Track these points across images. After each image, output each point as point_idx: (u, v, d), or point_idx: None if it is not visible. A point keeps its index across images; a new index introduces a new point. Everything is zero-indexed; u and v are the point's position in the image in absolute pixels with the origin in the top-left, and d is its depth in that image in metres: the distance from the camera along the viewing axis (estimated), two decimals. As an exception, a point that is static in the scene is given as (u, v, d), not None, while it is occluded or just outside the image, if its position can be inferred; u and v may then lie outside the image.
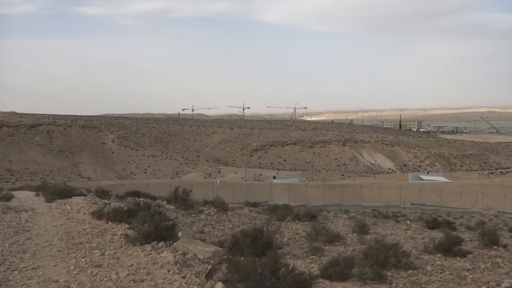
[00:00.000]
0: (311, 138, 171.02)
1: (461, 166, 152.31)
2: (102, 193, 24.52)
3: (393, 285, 9.46)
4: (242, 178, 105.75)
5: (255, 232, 11.75)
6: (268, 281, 7.33)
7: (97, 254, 9.93)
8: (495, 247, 15.26)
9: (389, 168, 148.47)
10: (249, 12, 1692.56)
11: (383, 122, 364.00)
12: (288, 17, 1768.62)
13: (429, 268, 11.15)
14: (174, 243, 9.97)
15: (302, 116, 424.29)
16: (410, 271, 10.60)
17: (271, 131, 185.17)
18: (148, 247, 10.03)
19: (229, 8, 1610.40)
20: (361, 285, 9.18)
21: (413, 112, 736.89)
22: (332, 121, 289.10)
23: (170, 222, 12.24)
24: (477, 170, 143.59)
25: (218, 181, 72.53)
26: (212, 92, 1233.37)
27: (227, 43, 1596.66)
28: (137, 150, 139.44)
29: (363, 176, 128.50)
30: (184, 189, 23.90)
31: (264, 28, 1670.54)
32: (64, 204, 18.88)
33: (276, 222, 18.27)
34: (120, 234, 11.85)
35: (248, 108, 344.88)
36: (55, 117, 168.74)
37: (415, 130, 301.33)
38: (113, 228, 12.79)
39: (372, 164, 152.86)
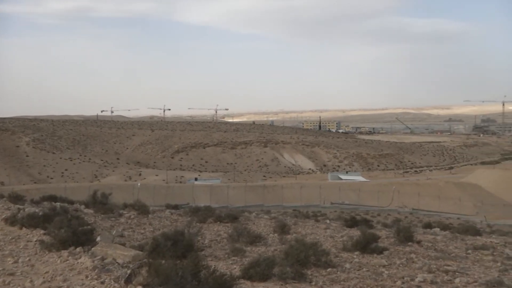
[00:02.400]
0: (232, 140, 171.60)
1: (378, 166, 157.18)
2: (16, 198, 23.45)
3: (313, 283, 9.61)
4: (164, 180, 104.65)
5: (176, 234, 11.63)
6: (189, 284, 7.28)
7: (10, 262, 9.51)
8: (409, 243, 15.81)
9: (310, 169, 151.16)
10: (172, 13, 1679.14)
11: (303, 123, 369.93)
12: (211, 18, 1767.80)
13: (347, 265, 11.40)
14: (93, 248, 9.71)
15: (223, 118, 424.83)
16: (329, 269, 10.80)
17: (192, 133, 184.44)
18: (65, 253, 9.70)
19: (151, 9, 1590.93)
20: (282, 285, 9.27)
21: (332, 113, 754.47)
22: (253, 123, 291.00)
23: (88, 227, 11.93)
24: (393, 169, 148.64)
25: (139, 184, 71.41)
26: (132, 94, 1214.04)
27: (148, 44, 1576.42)
28: (53, 153, 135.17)
29: (284, 176, 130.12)
30: (103, 193, 23.30)
31: (186, 29, 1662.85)
32: (-25, 210, 17.99)
33: (197, 224, 18.17)
34: (35, 240, 11.41)
35: (169, 109, 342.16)
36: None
37: (334, 131, 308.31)
38: (27, 234, 12.30)
39: (293, 164, 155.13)
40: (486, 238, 20.40)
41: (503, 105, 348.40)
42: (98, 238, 11.21)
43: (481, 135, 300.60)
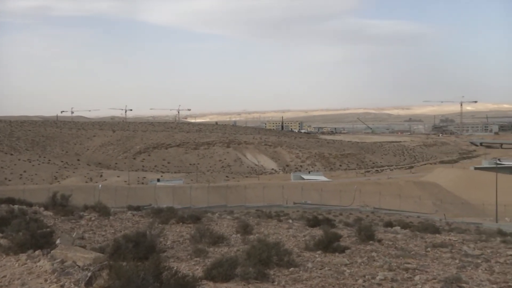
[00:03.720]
0: (195, 140, 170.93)
1: (340, 165, 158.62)
2: (-27, 201, 22.96)
3: (276, 283, 9.64)
4: (125, 181, 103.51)
5: (137, 236, 11.53)
6: (150, 286, 7.22)
7: (-35, 266, 9.29)
8: (371, 242, 16.00)
9: (272, 169, 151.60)
10: (134, 13, 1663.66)
11: (265, 124, 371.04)
12: (173, 18, 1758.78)
13: (309, 264, 11.47)
14: (52, 251, 9.54)
15: (186, 118, 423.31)
16: (291, 269, 10.85)
17: (154, 133, 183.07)
18: (23, 256, 9.52)
19: (112, 8, 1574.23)
20: (244, 285, 9.27)
21: (294, 113, 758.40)
22: (216, 123, 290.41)
23: (48, 229, 11.73)
24: (355, 169, 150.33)
25: (100, 185, 70.49)
26: (93, 94, 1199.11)
27: (109, 43, 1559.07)
28: (11, 154, 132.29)
29: (247, 177, 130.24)
30: (63, 194, 22.93)
31: (149, 29, 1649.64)
32: None
33: (159, 225, 18.04)
34: (-8, 244, 11.16)
35: (131, 110, 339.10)
36: None
37: (296, 131, 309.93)
38: (-16, 238, 12.02)
39: (256, 165, 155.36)
40: (445, 236, 20.77)
41: (461, 105, 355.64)
42: (58, 241, 11.02)
43: (440, 135, 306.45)
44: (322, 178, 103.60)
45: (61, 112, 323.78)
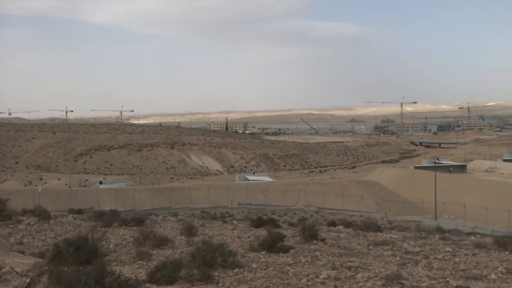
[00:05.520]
0: (138, 142, 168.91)
1: (284, 166, 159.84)
2: None
3: (220, 284, 9.62)
4: (66, 184, 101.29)
5: (79, 240, 11.30)
6: (92, 291, 7.09)
7: None
8: (314, 241, 16.16)
9: (217, 170, 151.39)
10: (75, 12, 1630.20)
11: (210, 125, 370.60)
12: (116, 18, 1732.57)
13: (254, 265, 11.50)
14: (-12, 257, 9.24)
15: (129, 119, 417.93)
16: (236, 270, 10.85)
17: (96, 135, 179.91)
18: (-43, 264, 9.17)
19: (53, 7, 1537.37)
20: (188, 287, 9.22)
21: (239, 114, 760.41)
22: (160, 124, 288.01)
23: (-16, 235, 11.35)
24: (299, 169, 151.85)
25: (40, 189, 68.64)
26: (32, 95, 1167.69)
27: (50, 43, 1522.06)
28: None
29: (191, 178, 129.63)
30: (0, 198, 22.28)
31: (91, 29, 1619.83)
32: None
33: (102, 228, 17.73)
34: None
35: (72, 111, 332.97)
36: None
37: (241, 132, 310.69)
38: None
39: (200, 166, 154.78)
40: (386, 234, 21.19)
41: (401, 106, 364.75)
42: (-5, 247, 10.69)
43: (382, 135, 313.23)
44: (266, 178, 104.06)
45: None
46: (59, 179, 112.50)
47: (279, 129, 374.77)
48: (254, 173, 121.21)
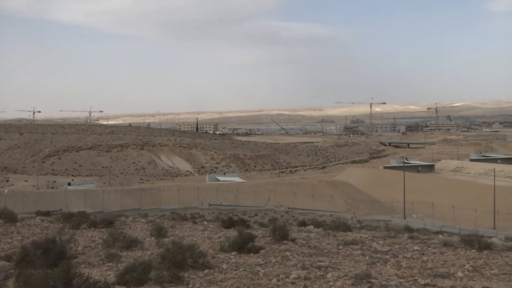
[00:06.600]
0: (108, 142, 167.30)
1: (255, 166, 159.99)
2: None
3: (190, 285, 9.59)
4: (34, 186, 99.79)
5: (47, 242, 11.15)
6: (60, 293, 7.01)
7: None
8: (285, 241, 16.19)
9: (187, 171, 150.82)
10: (44, 11, 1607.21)
11: (180, 125, 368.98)
12: (84, 18, 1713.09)
13: (224, 266, 11.48)
14: (-47, 261, 9.06)
15: (98, 120, 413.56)
16: (206, 271, 10.82)
17: (65, 136, 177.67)
18: None
19: (21, 6, 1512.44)
20: (158, 289, 9.18)
21: (209, 115, 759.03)
22: (130, 125, 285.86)
23: None
24: (269, 170, 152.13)
25: (6, 191, 67.59)
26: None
27: (16, 42, 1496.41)
28: None
29: (161, 179, 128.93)
30: (-35, 201, 21.88)
31: (59, 28, 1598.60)
32: None
33: (70, 230, 17.54)
34: None
35: (39, 112, 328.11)
36: None
37: (211, 132, 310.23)
38: None
39: (171, 167, 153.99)
40: (356, 234, 21.34)
41: (371, 106, 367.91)
42: (-40, 250, 10.48)
43: (351, 135, 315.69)
44: (237, 179, 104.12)
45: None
46: (26, 181, 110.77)
47: (250, 129, 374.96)
48: (224, 174, 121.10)
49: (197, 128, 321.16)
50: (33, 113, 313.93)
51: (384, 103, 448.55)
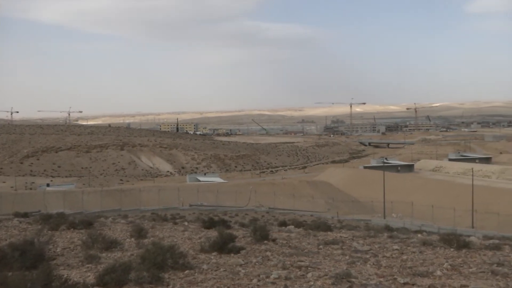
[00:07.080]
0: (87, 143, 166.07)
1: (236, 167, 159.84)
2: None
3: (170, 286, 9.55)
4: (12, 187, 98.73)
5: (24, 244, 11.04)
6: (38, 296, 6.94)
7: None
8: (265, 241, 16.19)
9: (168, 171, 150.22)
10: (23, 11, 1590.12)
11: (160, 126, 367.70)
12: (64, 17, 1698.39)
13: (205, 266, 11.46)
14: None
15: (77, 120, 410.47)
16: (187, 271, 10.79)
17: (43, 136, 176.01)
18: None
19: (1, 5, 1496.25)
20: (138, 290, 9.13)
21: (190, 115, 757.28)
22: (109, 125, 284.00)
23: None
24: (250, 170, 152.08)
25: (-16, 192, 66.76)
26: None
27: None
28: None
29: (142, 180, 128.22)
30: None
31: (38, 28, 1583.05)
32: None
33: (49, 232, 17.39)
34: None
35: (17, 112, 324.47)
36: None
37: (192, 133, 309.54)
38: None
39: (151, 167, 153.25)
40: (336, 233, 21.42)
41: (351, 107, 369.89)
42: None
43: (332, 135, 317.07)
44: (217, 179, 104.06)
45: None
46: (4, 182, 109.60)
47: (230, 130, 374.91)
48: (205, 174, 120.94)
49: (177, 129, 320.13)
50: (11, 113, 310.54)
51: (364, 103, 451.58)
